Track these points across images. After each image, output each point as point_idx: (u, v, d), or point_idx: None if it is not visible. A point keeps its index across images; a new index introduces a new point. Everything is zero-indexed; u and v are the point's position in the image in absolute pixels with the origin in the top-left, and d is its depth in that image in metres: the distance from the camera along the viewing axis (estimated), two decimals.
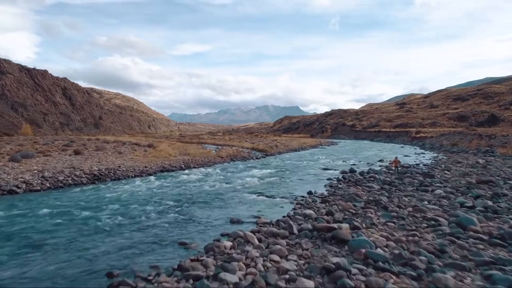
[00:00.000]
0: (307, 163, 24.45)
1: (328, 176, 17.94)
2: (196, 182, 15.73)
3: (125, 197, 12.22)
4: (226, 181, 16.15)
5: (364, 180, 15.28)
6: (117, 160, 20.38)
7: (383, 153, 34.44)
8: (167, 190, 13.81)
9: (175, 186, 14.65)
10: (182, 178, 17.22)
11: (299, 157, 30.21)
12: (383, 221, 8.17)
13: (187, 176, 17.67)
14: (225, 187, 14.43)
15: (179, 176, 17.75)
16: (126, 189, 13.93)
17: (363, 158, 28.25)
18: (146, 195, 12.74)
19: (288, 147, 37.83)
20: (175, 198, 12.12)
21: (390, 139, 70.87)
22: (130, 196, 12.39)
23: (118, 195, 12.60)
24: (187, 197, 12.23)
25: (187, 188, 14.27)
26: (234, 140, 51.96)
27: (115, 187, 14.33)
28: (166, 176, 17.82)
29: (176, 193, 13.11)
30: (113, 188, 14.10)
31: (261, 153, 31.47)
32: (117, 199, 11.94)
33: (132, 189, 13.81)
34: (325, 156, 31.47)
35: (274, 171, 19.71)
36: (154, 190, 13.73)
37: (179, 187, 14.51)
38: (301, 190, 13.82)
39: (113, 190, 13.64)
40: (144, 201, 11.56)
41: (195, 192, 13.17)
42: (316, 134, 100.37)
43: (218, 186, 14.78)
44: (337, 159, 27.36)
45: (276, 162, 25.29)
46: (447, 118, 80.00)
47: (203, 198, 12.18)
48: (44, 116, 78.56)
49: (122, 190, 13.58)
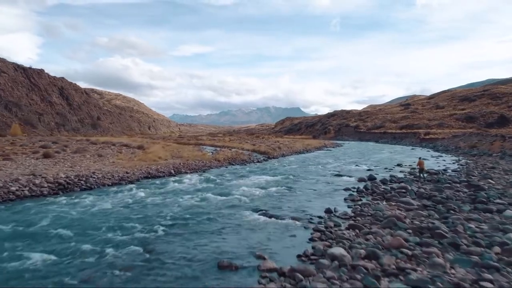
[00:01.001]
0: (315, 168, 21.25)
1: (343, 184, 14.74)
2: (182, 194, 12.54)
3: (77, 217, 8.99)
4: (220, 191, 12.96)
5: (393, 191, 12.08)
6: (94, 165, 17.23)
7: (396, 156, 31.20)
8: (142, 206, 10.61)
9: (154, 200, 11.46)
10: (168, 187, 14.05)
11: (305, 160, 27.01)
12: (462, 272, 4.99)
13: (174, 185, 14.49)
14: (217, 202, 11.24)
15: (165, 185, 14.58)
16: (89, 203, 10.72)
17: (376, 162, 25.03)
18: (111, 213, 9.55)
19: (292, 149, 34.63)
20: (147, 219, 8.92)
21: (397, 140, 67.60)
22: (85, 216, 9.18)
23: (72, 213, 9.40)
24: (163, 218, 9.02)
25: (169, 202, 11.07)
26: (234, 141, 48.85)
27: (78, 201, 11.13)
28: (149, 185, 14.66)
29: (151, 211, 9.90)
30: (74, 202, 10.90)
31: (263, 156, 28.30)
32: (63, 220, 8.71)
33: (97, 204, 10.62)
34: (333, 159, 28.27)
35: (279, 178, 16.51)
36: (125, 206, 10.53)
37: (159, 201, 11.32)
38: (316, 205, 10.64)
39: (72, 205, 10.46)
40: (100, 225, 8.29)
41: (177, 211, 9.93)
42: (318, 136, 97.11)
43: (209, 199, 11.59)
44: (348, 163, 24.14)
45: (280, 166, 22.09)
46: (454, 119, 76.72)
47: (185, 220, 8.97)
48: (39, 116, 75.58)
49: (82, 205, 10.40)
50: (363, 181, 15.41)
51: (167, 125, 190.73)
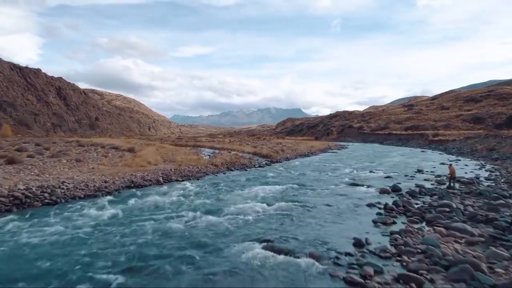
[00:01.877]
0: (325, 174, 18.54)
1: (364, 197, 12.06)
2: (163, 213, 9.84)
3: (6, 251, 6.36)
4: (212, 208, 10.29)
5: (432, 210, 9.41)
6: (68, 172, 14.59)
7: (410, 159, 28.45)
8: (105, 232, 7.86)
9: (125, 222, 8.77)
10: (149, 201, 11.37)
11: (311, 164, 24.32)
12: None
13: (158, 198, 11.81)
14: (207, 225, 8.54)
15: (147, 197, 11.91)
16: (39, 225, 7.99)
17: (391, 167, 22.32)
18: (55, 244, 6.82)
19: (295, 151, 31.94)
20: (100, 258, 6.22)
21: (402, 142, 64.86)
22: (16, 247, 6.50)
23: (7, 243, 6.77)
24: (124, 256, 6.31)
25: (142, 227, 8.34)
26: (234, 143, 46.18)
27: (24, 224, 8.43)
28: (129, 197, 12.00)
29: (113, 242, 7.14)
30: (18, 226, 8.22)
31: (265, 160, 25.61)
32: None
33: (49, 226, 7.91)
34: (341, 163, 25.57)
35: (285, 188, 13.82)
36: (84, 231, 7.83)
37: (131, 224, 8.62)
38: (338, 231, 7.97)
39: (12, 229, 7.81)
40: (27, 267, 5.65)
41: (147, 244, 7.18)
42: (321, 137, 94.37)
43: (197, 220, 8.91)
44: (360, 169, 21.44)
45: (285, 172, 19.41)
46: (461, 120, 73.87)
47: (157, 256, 6.29)
48: (34, 117, 73.08)
49: (27, 229, 7.72)
50: (386, 193, 12.72)
51: (168, 126, 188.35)
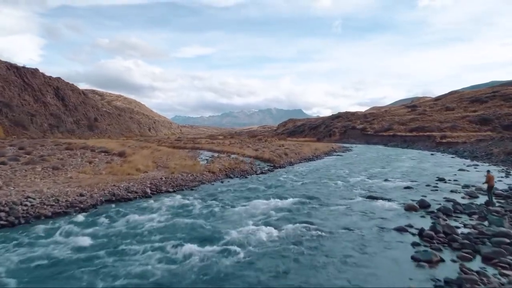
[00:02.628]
0: (335, 183, 16.40)
1: (388, 216, 9.94)
2: (144, 239, 7.72)
3: None
4: (204, 235, 8.18)
5: (485, 239, 7.31)
6: (40, 183, 12.52)
7: (423, 164, 26.23)
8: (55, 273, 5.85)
9: (92, 257, 6.70)
10: (130, 222, 9.28)
11: (318, 170, 22.19)
12: None
13: (141, 217, 9.73)
14: (195, 265, 6.43)
15: (128, 216, 9.81)
16: None
17: (406, 174, 20.16)
18: None
19: (299, 155, 29.82)
20: None
21: (408, 144, 62.63)
22: None
23: None
24: None
25: (115, 267, 6.28)
26: (234, 145, 44.05)
27: None
28: (106, 215, 9.91)
29: None
30: None
31: (267, 165, 23.49)
32: None
33: None
34: (349, 168, 23.44)
35: (292, 204, 11.70)
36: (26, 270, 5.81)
37: (98, 260, 6.52)
38: (366, 275, 5.88)
39: None
40: None
41: None
42: (323, 138, 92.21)
43: (182, 257, 6.79)
44: (373, 176, 19.28)
45: (289, 180, 17.28)
46: (467, 121, 71.58)
47: None
48: (31, 117, 71.06)
49: None
50: (414, 210, 10.61)
51: (168, 127, 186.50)
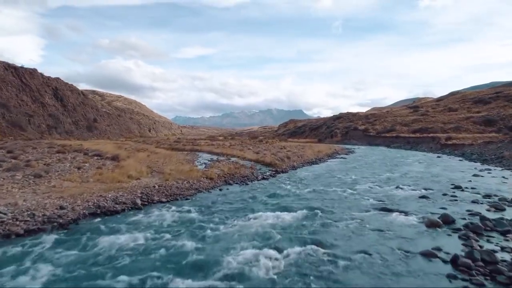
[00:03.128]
0: (342, 191, 15.07)
1: (409, 234, 8.62)
2: (125, 268, 6.45)
3: None
4: (195, 263, 6.86)
5: None
6: (17, 193, 11.22)
7: (432, 168, 24.88)
8: None
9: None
10: (109, 243, 7.96)
11: (323, 175, 20.87)
12: None
13: (126, 236, 8.40)
14: None
15: (110, 235, 8.49)
16: None
17: (416, 180, 18.81)
18: None
19: (302, 158, 28.48)
20: None
21: (411, 145, 61.30)
22: None
23: None
24: None
25: None
26: (235, 146, 42.82)
27: None
28: (87, 234, 8.60)
29: None
30: None
31: (269, 169, 22.17)
32: None
33: None
34: (355, 173, 22.11)
35: (298, 218, 10.37)
36: None
37: None
38: None
39: None
40: None
41: None
42: (324, 139, 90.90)
43: None
44: (382, 182, 17.93)
45: (293, 188, 15.94)
46: (471, 122, 70.23)
47: None
48: (29, 118, 69.93)
49: None
50: (437, 227, 9.28)
51: (169, 127, 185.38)
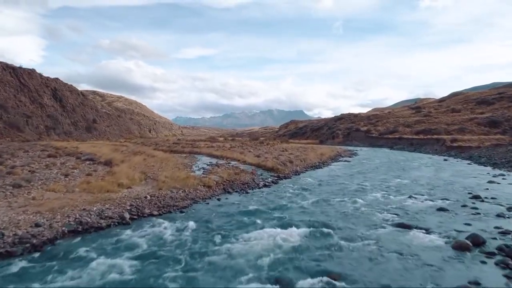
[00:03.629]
0: (351, 201, 13.76)
1: (435, 260, 7.32)
2: None
3: None
4: None
5: None
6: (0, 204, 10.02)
7: (442, 173, 23.57)
8: None
9: None
10: (84, 271, 6.70)
11: (328, 182, 19.59)
12: None
13: (103, 262, 7.11)
14: None
15: (85, 266, 7.27)
16: None
17: (430, 188, 17.50)
18: None
19: (305, 162, 27.20)
20: None
21: (415, 147, 59.93)
22: None
23: None
24: None
25: None
26: (235, 148, 41.56)
27: None
28: (63, 260, 7.36)
29: None
30: None
31: (271, 175, 20.91)
32: None
33: None
34: (362, 178, 20.83)
35: (303, 236, 9.09)
36: None
37: None
38: None
39: None
40: None
41: None
42: (326, 140, 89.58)
43: None
44: (393, 190, 16.63)
45: (298, 199, 14.65)
46: (475, 123, 68.80)
47: None
48: (27, 119, 68.75)
49: None
50: (467, 250, 8.02)
51: (169, 128, 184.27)
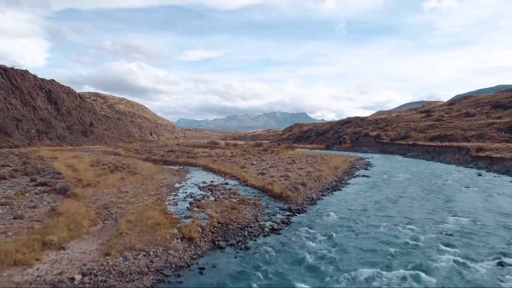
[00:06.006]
0: (414, 278, 8.68)
1: None
2: None
3: None
4: None
5: None
6: None
7: (500, 200, 18.33)
8: None
9: None
10: None
11: (355, 217, 14.44)
12: None
13: None
14: None
15: None
16: None
17: (506, 233, 12.38)
18: None
19: (320, 181, 22.09)
20: None
21: (431, 155, 54.51)
22: None
23: None
24: None
25: None
26: (236, 159, 36.57)
27: None
28: None
29: None
30: None
31: (279, 207, 15.79)
32: None
33: None
34: (398, 212, 15.71)
35: None
36: None
37: None
38: None
39: None
40: None
41: None
42: (332, 145, 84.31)
43: None
44: (460, 244, 11.45)
45: (323, 261, 9.53)
46: (495, 129, 63.19)
47: None
48: (17, 123, 64.20)
49: None
50: None
51: (171, 131, 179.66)
